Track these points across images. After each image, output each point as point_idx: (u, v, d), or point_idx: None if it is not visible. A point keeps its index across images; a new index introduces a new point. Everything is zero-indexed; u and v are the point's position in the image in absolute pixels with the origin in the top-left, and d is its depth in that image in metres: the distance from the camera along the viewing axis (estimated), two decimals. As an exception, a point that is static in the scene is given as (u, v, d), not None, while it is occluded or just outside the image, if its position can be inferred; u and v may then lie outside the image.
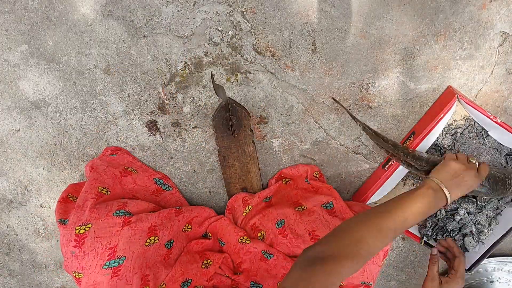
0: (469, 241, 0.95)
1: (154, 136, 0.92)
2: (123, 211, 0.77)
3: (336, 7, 0.80)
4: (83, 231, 0.72)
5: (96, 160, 0.88)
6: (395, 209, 0.66)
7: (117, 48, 0.83)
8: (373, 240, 0.61)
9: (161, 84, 0.87)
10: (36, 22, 0.81)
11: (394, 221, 0.64)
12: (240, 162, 0.92)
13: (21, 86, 0.87)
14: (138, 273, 0.76)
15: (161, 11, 0.80)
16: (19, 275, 1.12)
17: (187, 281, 0.82)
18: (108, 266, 0.72)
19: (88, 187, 0.81)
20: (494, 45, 0.84)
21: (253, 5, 0.80)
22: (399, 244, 1.08)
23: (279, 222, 0.87)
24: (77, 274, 0.73)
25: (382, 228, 0.62)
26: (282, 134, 0.93)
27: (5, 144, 0.93)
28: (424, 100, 0.90)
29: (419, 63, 0.86)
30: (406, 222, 0.65)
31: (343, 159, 0.96)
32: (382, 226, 0.63)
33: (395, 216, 0.65)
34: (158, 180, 0.93)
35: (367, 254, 0.60)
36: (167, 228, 0.83)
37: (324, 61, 0.85)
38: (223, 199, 1.01)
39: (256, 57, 0.84)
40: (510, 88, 0.89)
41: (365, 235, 0.61)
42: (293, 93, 0.88)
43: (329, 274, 0.55)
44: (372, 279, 0.82)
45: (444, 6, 0.81)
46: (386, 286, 1.16)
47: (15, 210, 1.02)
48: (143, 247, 0.78)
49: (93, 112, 0.89)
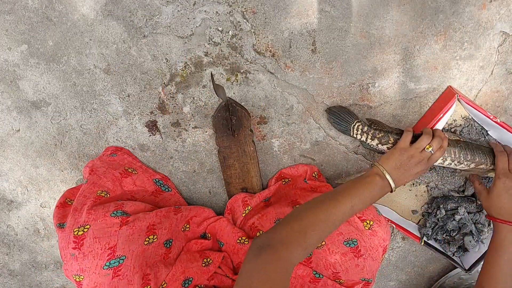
0: (469, 240, 0.95)
1: (154, 136, 0.92)
2: (120, 212, 0.77)
3: (336, 7, 0.80)
4: (82, 232, 0.72)
5: (96, 161, 0.88)
6: (342, 197, 0.68)
7: (117, 48, 0.83)
8: (320, 226, 0.63)
9: (161, 84, 0.87)
10: (36, 22, 0.81)
11: (341, 209, 0.67)
12: (240, 162, 0.92)
13: (21, 86, 0.87)
14: (138, 273, 0.76)
15: (161, 11, 0.80)
16: (19, 275, 1.12)
17: (188, 279, 0.82)
18: (108, 266, 0.72)
19: (87, 191, 0.81)
20: (494, 45, 0.85)
21: (253, 5, 0.80)
22: (399, 244, 1.08)
23: (278, 221, 0.87)
24: (78, 277, 0.73)
25: (329, 215, 0.65)
26: (282, 134, 0.93)
27: (5, 144, 0.93)
28: (424, 100, 0.90)
29: (419, 63, 0.86)
30: (352, 209, 0.68)
31: (343, 159, 0.96)
32: (329, 213, 0.65)
33: (343, 204, 0.67)
34: (157, 181, 0.93)
35: (315, 240, 0.62)
36: (166, 227, 0.83)
37: (324, 61, 0.85)
38: (223, 199, 1.01)
39: (256, 57, 0.84)
40: (510, 88, 0.89)
41: (312, 222, 0.63)
42: (293, 93, 0.88)
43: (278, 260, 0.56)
44: (372, 275, 0.82)
45: (444, 6, 0.81)
46: (386, 286, 1.16)
47: (15, 210, 1.02)
48: (142, 246, 0.78)
49: (93, 112, 0.89)
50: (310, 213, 0.64)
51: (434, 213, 0.95)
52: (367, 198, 0.70)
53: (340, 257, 0.79)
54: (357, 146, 0.95)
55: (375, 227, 0.80)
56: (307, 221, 0.63)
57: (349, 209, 0.67)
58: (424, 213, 0.98)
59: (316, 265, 0.82)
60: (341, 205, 0.67)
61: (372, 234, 0.80)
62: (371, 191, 0.71)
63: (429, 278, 1.15)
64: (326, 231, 0.64)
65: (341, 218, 0.67)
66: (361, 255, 0.79)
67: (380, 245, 0.80)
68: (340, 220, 0.67)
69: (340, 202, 0.67)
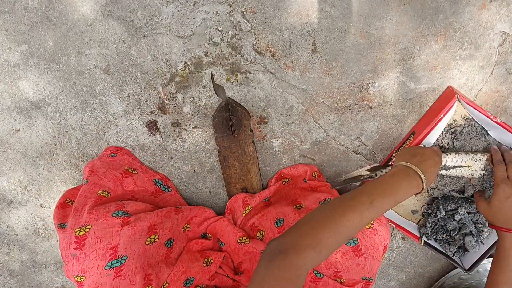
0: (469, 241, 0.95)
1: (154, 136, 0.92)
2: (121, 212, 0.77)
3: (336, 7, 0.80)
4: (83, 232, 0.72)
5: (96, 162, 0.88)
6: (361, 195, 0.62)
7: (117, 48, 0.83)
8: (334, 227, 0.58)
9: (161, 84, 0.87)
10: (36, 22, 0.81)
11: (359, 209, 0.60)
12: (240, 162, 0.92)
13: (21, 86, 0.87)
14: (140, 273, 0.76)
15: (161, 11, 0.80)
16: (19, 275, 1.12)
17: (189, 279, 0.82)
18: (110, 266, 0.72)
19: (88, 191, 0.81)
20: (494, 45, 0.84)
21: (253, 5, 0.80)
22: (399, 244, 1.08)
23: (278, 220, 0.87)
24: (79, 278, 0.72)
25: (344, 218, 0.59)
26: (282, 134, 0.93)
27: (5, 144, 0.93)
28: (424, 100, 0.90)
29: (419, 63, 0.86)
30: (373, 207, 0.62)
31: (343, 159, 0.96)
32: (345, 215, 0.59)
33: (360, 204, 0.61)
34: (157, 181, 0.93)
35: (330, 243, 0.57)
36: (167, 227, 0.83)
37: (324, 61, 0.85)
38: (223, 199, 1.01)
39: (256, 57, 0.84)
40: (510, 88, 0.89)
41: (325, 222, 0.58)
42: (293, 93, 0.88)
43: (290, 266, 0.53)
44: (372, 274, 0.82)
45: (444, 6, 0.81)
46: (386, 286, 1.16)
47: (15, 210, 1.02)
48: (144, 246, 0.77)
49: (93, 112, 0.89)
50: (324, 214, 0.59)
51: (434, 213, 0.95)
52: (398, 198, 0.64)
53: (341, 256, 0.79)
54: (357, 146, 0.95)
55: (375, 226, 0.80)
56: (320, 223, 0.58)
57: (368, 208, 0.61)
58: (424, 213, 0.98)
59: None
60: (359, 205, 0.61)
61: (373, 233, 0.80)
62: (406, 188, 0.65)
63: (429, 278, 1.15)
64: (343, 233, 0.58)
65: (360, 220, 0.60)
66: (362, 254, 0.79)
67: (380, 244, 0.81)
68: (359, 222, 0.60)
69: (358, 202, 0.61)
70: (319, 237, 0.57)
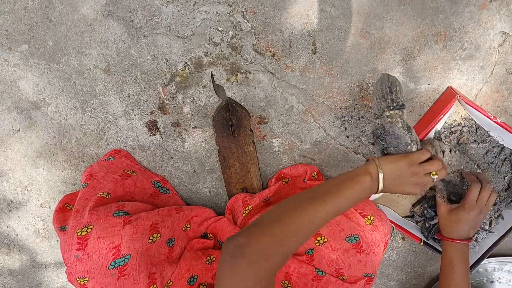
0: (469, 241, 0.95)
1: (154, 136, 0.92)
2: (122, 212, 0.76)
3: (336, 7, 0.80)
4: (85, 233, 0.71)
5: (95, 166, 0.88)
6: (330, 197, 0.62)
7: (117, 48, 0.83)
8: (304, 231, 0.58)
9: (161, 84, 0.87)
10: (36, 22, 0.81)
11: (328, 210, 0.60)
12: (240, 162, 0.92)
13: (21, 86, 0.87)
14: (144, 271, 0.75)
15: (161, 11, 0.80)
16: (19, 275, 1.12)
17: (193, 277, 0.82)
18: (113, 265, 0.72)
19: (88, 193, 0.80)
20: (494, 45, 0.85)
21: (253, 5, 0.80)
22: (399, 244, 1.08)
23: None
24: (82, 280, 0.71)
25: (314, 218, 0.59)
26: (282, 134, 0.93)
27: (5, 144, 0.93)
28: (424, 100, 0.90)
29: (419, 63, 0.86)
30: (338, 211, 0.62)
31: (343, 159, 0.96)
32: (315, 216, 0.59)
33: (330, 205, 0.61)
34: (156, 183, 0.93)
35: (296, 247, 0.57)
36: (168, 226, 0.83)
37: (324, 61, 0.85)
38: (223, 199, 1.01)
39: (256, 57, 0.84)
40: (510, 88, 0.89)
41: (297, 227, 0.57)
42: (293, 93, 0.88)
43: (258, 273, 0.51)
44: (374, 270, 0.82)
45: (444, 6, 0.81)
46: (386, 286, 1.16)
47: (15, 210, 1.02)
48: (146, 244, 0.77)
49: (93, 112, 0.89)
50: (295, 216, 0.57)
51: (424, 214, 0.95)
52: (355, 199, 0.64)
53: (342, 253, 0.79)
54: (357, 146, 0.95)
55: (376, 222, 0.80)
56: (292, 227, 0.56)
57: (335, 211, 0.61)
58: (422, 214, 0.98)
59: (318, 262, 0.82)
60: (328, 206, 0.60)
61: (374, 229, 0.80)
62: (360, 193, 0.65)
63: (429, 278, 1.15)
64: (308, 236, 0.59)
65: (325, 221, 0.61)
66: (363, 250, 0.79)
67: (381, 240, 0.81)
68: (324, 223, 0.61)
69: (327, 203, 0.60)
70: (290, 243, 0.56)
